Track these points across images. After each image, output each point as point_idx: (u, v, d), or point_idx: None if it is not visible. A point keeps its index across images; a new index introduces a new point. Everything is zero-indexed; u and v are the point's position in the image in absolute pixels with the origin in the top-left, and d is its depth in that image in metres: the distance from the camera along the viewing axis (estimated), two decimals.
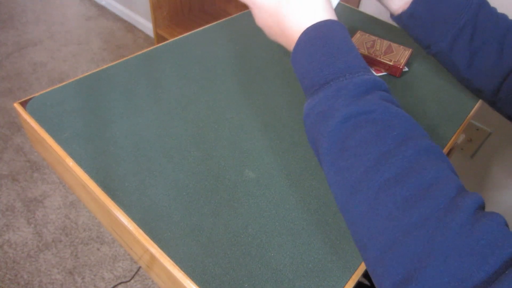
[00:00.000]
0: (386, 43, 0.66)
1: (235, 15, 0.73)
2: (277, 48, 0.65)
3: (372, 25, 0.75)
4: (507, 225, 0.25)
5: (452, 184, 0.27)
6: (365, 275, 0.56)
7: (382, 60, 0.62)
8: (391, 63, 0.61)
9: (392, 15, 0.51)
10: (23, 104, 0.50)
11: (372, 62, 0.63)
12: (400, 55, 0.64)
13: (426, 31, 0.48)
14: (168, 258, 0.36)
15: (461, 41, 0.47)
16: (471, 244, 0.24)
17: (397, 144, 0.28)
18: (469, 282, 0.23)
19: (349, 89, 0.31)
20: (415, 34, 0.49)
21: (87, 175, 0.42)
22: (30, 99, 0.50)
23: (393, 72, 0.62)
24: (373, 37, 0.67)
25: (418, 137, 0.30)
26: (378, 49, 0.65)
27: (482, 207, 0.26)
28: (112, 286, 1.24)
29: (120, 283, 1.25)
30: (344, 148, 0.30)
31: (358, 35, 0.68)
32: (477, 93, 0.50)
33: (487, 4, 0.47)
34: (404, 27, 0.50)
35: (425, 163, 0.28)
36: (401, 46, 0.66)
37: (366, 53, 0.63)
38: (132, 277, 1.27)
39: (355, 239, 0.29)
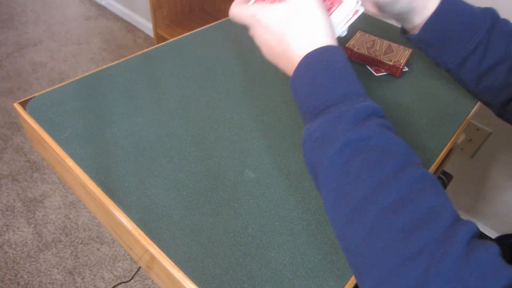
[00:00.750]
0: (386, 43, 0.66)
1: None
2: None
3: (372, 25, 0.75)
4: (500, 254, 0.25)
5: (447, 214, 0.27)
6: None
7: (382, 60, 0.62)
8: (391, 63, 0.61)
9: (402, 33, 0.50)
10: (23, 104, 0.50)
11: (372, 62, 0.63)
12: (400, 55, 0.63)
13: (436, 53, 0.48)
14: (167, 258, 0.36)
15: (471, 62, 0.46)
16: (465, 276, 0.24)
17: (394, 172, 0.29)
18: None
19: (349, 115, 0.32)
20: (424, 52, 0.49)
21: (86, 175, 0.42)
22: (30, 99, 0.50)
23: (393, 72, 0.62)
24: (373, 37, 0.67)
25: (413, 164, 0.30)
26: (378, 49, 0.65)
27: (477, 235, 0.27)
28: (112, 286, 1.24)
29: (120, 283, 1.25)
30: (342, 175, 0.30)
31: (358, 35, 0.68)
32: (485, 104, 0.50)
33: (502, 22, 0.46)
34: (414, 46, 0.49)
35: (421, 192, 0.28)
36: (401, 46, 0.66)
37: (366, 53, 0.63)
38: (132, 277, 1.27)
39: (351, 267, 0.30)
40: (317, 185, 0.34)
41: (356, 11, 0.42)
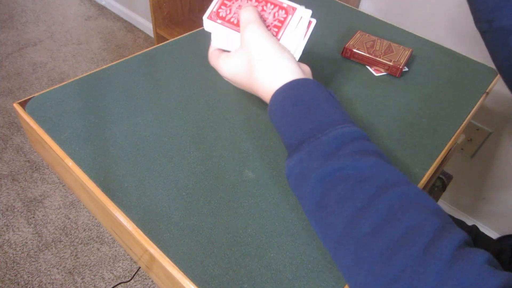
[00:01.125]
0: (386, 43, 0.66)
1: None
2: None
3: (372, 25, 0.75)
4: (489, 262, 0.25)
5: (427, 229, 0.27)
6: None
7: (382, 60, 0.62)
8: (391, 63, 0.61)
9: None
10: (23, 104, 0.50)
11: (372, 62, 0.63)
12: (400, 55, 0.63)
13: (490, 4, 0.46)
14: (167, 259, 0.36)
15: None
16: None
17: (370, 198, 0.29)
18: None
19: (320, 149, 0.32)
20: (475, 5, 0.47)
21: (86, 175, 0.42)
22: (29, 99, 0.50)
23: (393, 72, 0.62)
24: (373, 37, 0.67)
25: (391, 185, 0.30)
26: (378, 49, 0.65)
27: (464, 243, 0.27)
28: (112, 286, 1.24)
29: (120, 283, 1.25)
30: (321, 207, 0.31)
31: (358, 35, 0.68)
32: None
33: None
34: None
35: (398, 213, 0.28)
36: (401, 46, 0.66)
37: (366, 53, 0.63)
38: (132, 277, 1.27)
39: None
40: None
41: (310, 22, 0.42)
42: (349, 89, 0.58)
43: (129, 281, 1.26)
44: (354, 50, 0.64)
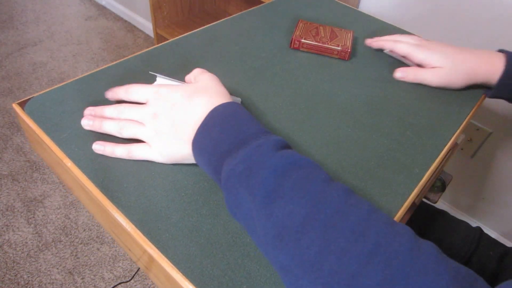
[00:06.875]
0: (328, 28, 0.67)
1: (235, 15, 0.73)
2: (277, 48, 0.65)
3: (371, 25, 0.75)
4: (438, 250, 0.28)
5: (384, 214, 0.30)
6: None
7: (330, 47, 0.63)
8: (339, 48, 0.63)
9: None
10: (22, 104, 0.50)
11: (322, 50, 0.64)
12: (345, 38, 0.65)
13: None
14: (166, 259, 0.36)
15: None
16: (421, 264, 0.26)
17: (327, 185, 0.31)
18: None
19: (269, 144, 0.34)
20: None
21: (85, 176, 0.42)
22: (29, 99, 0.50)
23: (342, 56, 0.64)
24: (315, 24, 0.68)
25: (336, 181, 0.33)
26: (323, 35, 0.66)
27: (415, 234, 0.29)
28: (112, 286, 1.24)
29: (120, 283, 1.25)
30: (279, 195, 0.30)
31: (300, 24, 0.68)
32: None
33: None
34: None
35: (356, 198, 0.30)
36: (342, 30, 0.68)
37: (313, 42, 0.64)
38: (132, 277, 1.27)
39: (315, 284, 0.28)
40: (246, 221, 0.34)
41: None
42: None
43: (129, 281, 1.26)
44: (302, 40, 0.64)
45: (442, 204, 1.45)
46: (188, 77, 0.49)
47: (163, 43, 0.63)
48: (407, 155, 0.48)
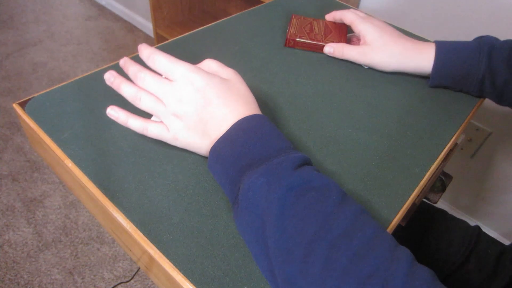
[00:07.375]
0: (322, 23, 0.66)
1: (235, 15, 0.73)
2: (277, 48, 0.65)
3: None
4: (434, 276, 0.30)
5: (388, 238, 0.31)
6: None
7: (326, 43, 0.62)
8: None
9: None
10: (22, 104, 0.50)
11: (317, 47, 0.63)
12: (339, 33, 0.64)
13: (456, 88, 0.59)
14: (167, 260, 0.36)
15: (487, 87, 0.56)
16: None
17: (337, 207, 0.32)
18: None
19: (288, 162, 0.35)
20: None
21: (86, 176, 0.42)
22: (29, 99, 0.50)
23: None
24: (309, 19, 0.67)
25: (350, 200, 0.34)
26: (318, 31, 0.64)
27: (414, 259, 0.31)
28: (112, 286, 1.24)
29: (120, 283, 1.25)
30: (292, 214, 0.32)
31: (294, 20, 0.67)
32: None
33: (497, 49, 0.55)
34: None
35: (363, 221, 0.32)
36: (336, 23, 0.66)
37: (308, 39, 0.62)
38: (132, 277, 1.27)
39: None
40: (257, 233, 0.35)
41: None
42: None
43: (129, 281, 1.26)
44: (297, 39, 0.63)
45: (441, 203, 1.45)
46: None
47: (163, 43, 0.63)
48: (407, 156, 0.48)
